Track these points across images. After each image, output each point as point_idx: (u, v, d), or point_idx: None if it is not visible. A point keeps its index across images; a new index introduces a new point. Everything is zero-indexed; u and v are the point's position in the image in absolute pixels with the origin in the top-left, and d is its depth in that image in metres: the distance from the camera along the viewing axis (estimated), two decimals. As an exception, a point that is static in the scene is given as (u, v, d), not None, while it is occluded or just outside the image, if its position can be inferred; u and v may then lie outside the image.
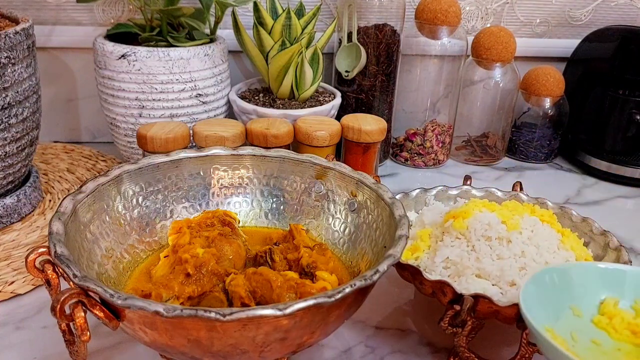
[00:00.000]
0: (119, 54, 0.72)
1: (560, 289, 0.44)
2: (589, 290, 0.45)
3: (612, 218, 0.78)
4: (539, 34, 1.02)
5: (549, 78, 0.90)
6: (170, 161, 0.55)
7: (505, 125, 0.95)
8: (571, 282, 0.45)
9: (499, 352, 0.52)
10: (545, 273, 0.44)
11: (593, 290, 0.45)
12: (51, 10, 0.86)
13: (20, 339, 0.51)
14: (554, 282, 0.44)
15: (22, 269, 0.59)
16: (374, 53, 0.83)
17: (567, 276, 0.45)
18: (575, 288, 0.45)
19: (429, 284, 0.49)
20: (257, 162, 0.58)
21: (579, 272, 0.45)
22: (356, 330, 0.55)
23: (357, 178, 0.54)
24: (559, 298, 0.44)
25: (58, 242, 0.40)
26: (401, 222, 0.46)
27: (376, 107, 0.87)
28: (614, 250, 0.56)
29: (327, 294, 0.36)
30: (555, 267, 0.45)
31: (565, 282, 0.44)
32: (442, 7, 0.83)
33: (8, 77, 0.60)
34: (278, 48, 0.76)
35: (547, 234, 0.55)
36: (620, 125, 0.90)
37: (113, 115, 0.77)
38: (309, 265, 0.48)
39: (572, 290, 0.44)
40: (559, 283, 0.44)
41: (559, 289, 0.44)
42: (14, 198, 0.67)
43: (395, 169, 0.92)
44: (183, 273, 0.45)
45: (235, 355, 0.38)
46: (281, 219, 0.58)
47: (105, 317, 0.37)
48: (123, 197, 0.52)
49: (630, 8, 1.01)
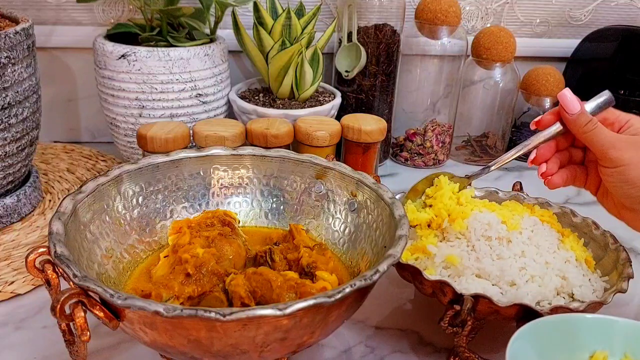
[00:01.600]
0: (119, 54, 0.72)
1: (550, 342, 0.42)
2: (579, 343, 0.43)
3: (612, 218, 0.77)
4: (539, 34, 1.02)
5: (549, 78, 0.90)
6: (170, 161, 0.55)
7: (505, 125, 0.95)
8: (561, 334, 0.43)
9: (499, 352, 0.52)
10: (533, 326, 0.42)
11: (583, 344, 0.43)
12: (51, 10, 0.86)
13: (20, 339, 0.51)
14: (544, 336, 0.42)
15: (22, 269, 0.59)
16: (374, 53, 0.83)
17: (557, 329, 0.43)
18: (565, 341, 0.43)
19: (429, 284, 0.49)
20: (257, 162, 0.58)
21: (568, 324, 0.43)
22: (356, 330, 0.55)
23: (357, 178, 0.54)
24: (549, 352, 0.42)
25: (58, 242, 0.40)
26: (401, 222, 0.46)
27: (376, 107, 0.87)
28: (613, 251, 0.56)
29: (327, 294, 0.36)
30: (545, 320, 0.43)
31: (555, 334, 0.42)
32: (442, 7, 0.83)
33: (8, 77, 0.60)
34: (278, 48, 0.76)
35: (547, 234, 0.55)
36: (620, 125, 0.90)
37: (113, 115, 0.77)
38: (309, 265, 0.48)
39: (563, 343, 0.43)
40: (548, 336, 0.42)
41: (548, 343, 0.42)
42: (14, 198, 0.67)
43: (395, 169, 0.92)
44: (183, 273, 0.45)
45: (235, 355, 0.38)
46: (281, 219, 0.58)
47: (105, 317, 0.37)
48: (123, 197, 0.52)
49: (630, 8, 1.01)
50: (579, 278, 0.52)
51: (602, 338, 0.43)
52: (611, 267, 0.55)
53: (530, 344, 0.41)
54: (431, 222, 0.56)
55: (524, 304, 0.45)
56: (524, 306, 0.45)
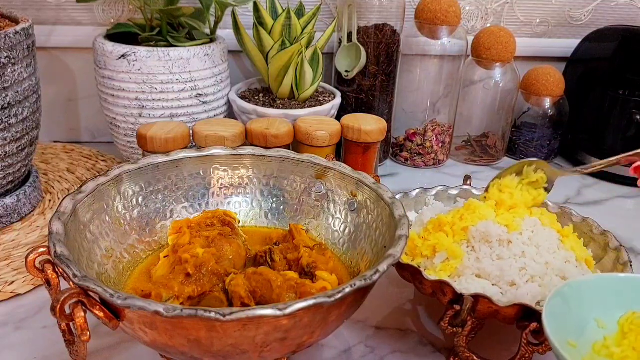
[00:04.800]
0: (119, 54, 0.72)
1: (585, 300, 0.43)
2: (613, 302, 0.44)
3: (612, 218, 0.77)
4: (539, 34, 1.02)
5: (549, 78, 0.90)
6: (170, 161, 0.55)
7: (505, 125, 0.95)
8: (596, 293, 0.44)
9: (499, 352, 0.52)
10: (569, 285, 0.43)
11: (617, 303, 0.44)
12: (51, 10, 0.86)
13: (20, 339, 0.51)
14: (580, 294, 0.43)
15: (22, 269, 0.59)
16: (374, 53, 0.83)
17: (592, 288, 0.44)
18: (600, 300, 0.44)
19: (429, 284, 0.49)
20: (257, 162, 0.58)
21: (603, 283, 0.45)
22: (356, 330, 0.55)
23: (357, 178, 0.54)
24: (584, 310, 0.43)
25: (58, 242, 0.40)
26: (401, 222, 0.46)
27: (376, 107, 0.87)
28: (614, 251, 0.56)
29: (327, 294, 0.36)
30: (581, 279, 0.45)
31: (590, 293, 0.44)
32: (442, 7, 0.83)
33: (8, 77, 0.60)
34: (278, 48, 0.76)
35: (547, 234, 0.55)
36: (620, 125, 0.90)
37: (113, 115, 0.77)
38: (309, 265, 0.48)
39: (598, 302, 0.44)
40: (584, 295, 0.43)
41: (584, 301, 0.43)
42: (14, 198, 0.67)
43: (395, 169, 0.92)
44: (183, 273, 0.45)
45: (235, 355, 0.38)
46: (281, 219, 0.58)
47: (105, 317, 0.37)
48: (123, 197, 0.52)
49: (630, 8, 1.01)
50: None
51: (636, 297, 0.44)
52: (611, 267, 0.55)
53: (566, 302, 0.42)
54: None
55: (524, 304, 0.45)
56: (524, 306, 0.45)
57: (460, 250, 0.53)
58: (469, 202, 0.59)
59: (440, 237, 0.54)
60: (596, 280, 0.45)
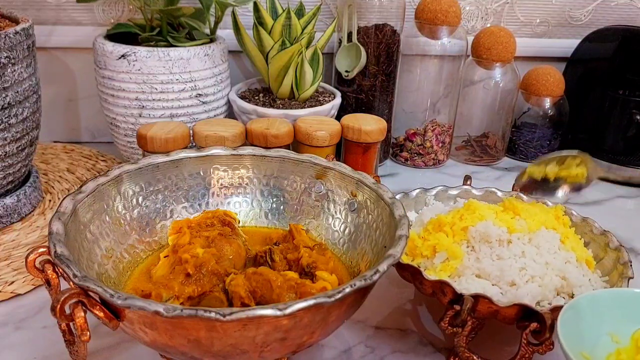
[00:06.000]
0: (119, 54, 0.72)
1: (599, 314, 0.44)
2: (627, 317, 0.44)
3: (612, 218, 0.77)
4: (539, 34, 1.02)
5: (549, 78, 0.90)
6: (170, 161, 0.55)
7: (505, 125, 0.95)
8: (610, 308, 0.44)
9: (499, 352, 0.52)
10: (584, 298, 0.44)
11: (631, 318, 0.44)
12: (51, 10, 0.86)
13: (20, 339, 0.51)
14: (594, 308, 0.44)
15: (22, 269, 0.59)
16: (374, 53, 0.83)
17: (606, 302, 0.44)
18: (614, 314, 0.44)
19: (429, 284, 0.49)
20: (257, 162, 0.58)
21: (614, 298, 0.45)
22: (356, 330, 0.55)
23: (357, 178, 0.54)
24: (597, 324, 0.44)
25: (58, 242, 0.40)
26: (401, 222, 0.46)
27: (376, 107, 0.87)
28: (614, 251, 0.56)
29: (327, 294, 0.36)
30: (595, 293, 0.45)
31: (605, 307, 0.44)
32: (442, 7, 0.83)
33: (8, 77, 0.60)
34: (278, 48, 0.76)
35: (548, 234, 0.55)
36: (620, 125, 0.90)
37: (113, 115, 0.77)
38: (309, 265, 0.48)
39: (611, 317, 0.44)
40: (598, 308, 0.44)
41: (597, 315, 0.44)
42: (14, 198, 0.67)
43: (395, 169, 0.92)
44: (183, 273, 0.45)
45: (235, 355, 0.38)
46: (281, 219, 0.58)
47: (105, 317, 0.37)
48: (123, 197, 0.52)
49: (630, 8, 1.01)
50: (579, 278, 0.52)
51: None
52: (611, 267, 0.55)
53: (580, 315, 0.43)
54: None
55: (524, 304, 0.45)
56: (524, 306, 0.45)
57: (460, 250, 0.53)
58: (469, 202, 0.59)
59: (440, 237, 0.54)
60: (610, 294, 0.45)
